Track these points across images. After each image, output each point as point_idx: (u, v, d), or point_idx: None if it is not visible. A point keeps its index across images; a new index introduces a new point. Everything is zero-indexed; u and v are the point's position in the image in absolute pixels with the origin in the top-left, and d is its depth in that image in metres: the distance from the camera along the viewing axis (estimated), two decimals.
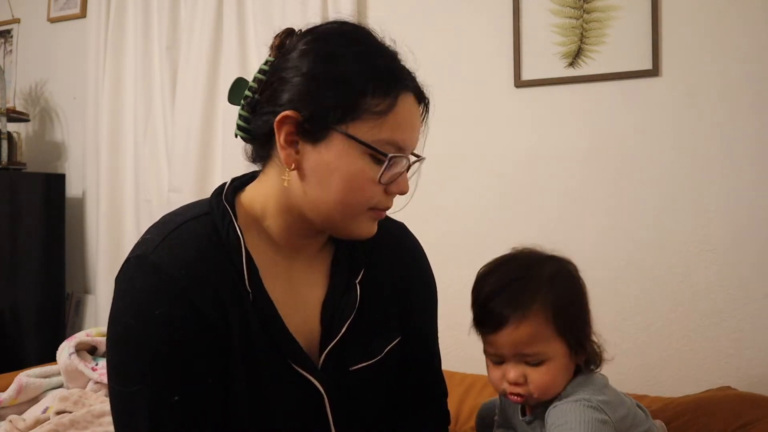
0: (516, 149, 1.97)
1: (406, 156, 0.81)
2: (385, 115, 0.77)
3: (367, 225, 0.83)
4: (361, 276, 0.90)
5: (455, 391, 1.68)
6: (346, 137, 0.76)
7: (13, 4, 2.99)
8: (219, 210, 0.82)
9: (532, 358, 0.90)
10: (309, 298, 0.88)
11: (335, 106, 0.76)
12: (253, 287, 0.80)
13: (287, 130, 0.78)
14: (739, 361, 1.69)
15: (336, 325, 0.86)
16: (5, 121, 2.64)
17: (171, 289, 0.75)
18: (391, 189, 0.82)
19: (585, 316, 0.95)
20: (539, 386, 0.91)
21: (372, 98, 0.76)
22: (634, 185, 1.81)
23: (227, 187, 0.86)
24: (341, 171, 0.77)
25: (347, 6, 2.14)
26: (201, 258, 0.78)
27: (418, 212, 2.07)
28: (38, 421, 1.49)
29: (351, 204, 0.79)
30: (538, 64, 1.92)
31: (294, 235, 0.86)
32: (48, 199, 2.72)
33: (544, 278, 0.93)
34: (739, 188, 1.70)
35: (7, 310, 2.57)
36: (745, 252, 1.69)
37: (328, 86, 0.77)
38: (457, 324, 2.13)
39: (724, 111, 1.72)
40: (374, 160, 0.78)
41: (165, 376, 0.75)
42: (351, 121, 0.76)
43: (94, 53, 2.65)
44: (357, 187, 0.78)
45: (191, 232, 0.80)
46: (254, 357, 0.80)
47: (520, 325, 0.89)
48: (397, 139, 0.79)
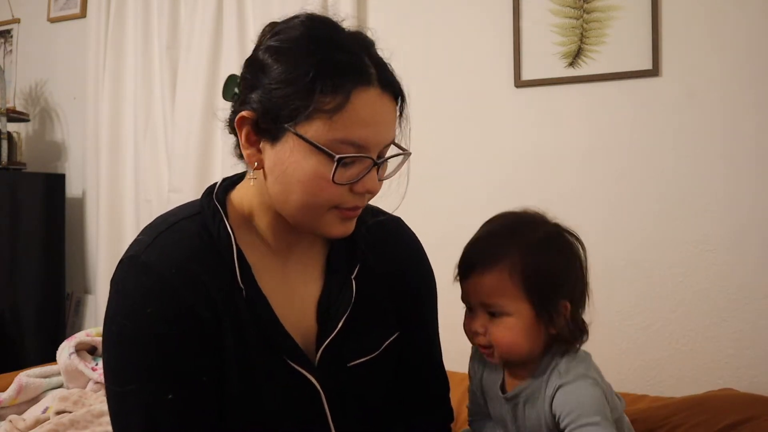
0: (516, 149, 1.97)
1: (366, 155, 0.76)
2: (336, 113, 0.73)
3: (336, 224, 0.80)
4: (356, 271, 0.89)
5: (455, 391, 1.67)
6: (298, 137, 0.74)
7: (13, 4, 2.99)
8: (210, 209, 0.82)
9: (493, 308, 0.92)
10: (305, 295, 0.87)
11: (285, 105, 0.74)
12: (246, 284, 0.80)
13: (246, 130, 0.78)
14: (739, 361, 1.69)
15: (332, 321, 0.85)
16: (5, 121, 2.64)
17: (162, 289, 0.76)
18: (357, 188, 0.78)
19: (563, 289, 0.92)
20: (498, 339, 0.92)
21: (321, 96, 0.72)
22: (634, 185, 1.81)
23: (218, 186, 0.86)
24: (295, 171, 0.75)
25: (347, 6, 2.14)
26: (192, 256, 0.78)
27: (418, 212, 2.08)
28: (38, 421, 1.50)
29: (310, 204, 0.77)
30: (538, 64, 1.92)
31: (283, 233, 0.85)
32: (48, 199, 2.72)
33: (525, 241, 0.92)
34: (739, 188, 1.70)
35: (7, 310, 2.57)
36: (745, 252, 1.69)
37: (281, 84, 0.74)
38: (457, 324, 2.13)
39: (724, 111, 1.72)
40: (328, 159, 0.74)
41: (159, 374, 0.75)
42: (301, 120, 0.73)
43: (94, 53, 2.65)
44: (313, 187, 0.75)
45: (182, 231, 0.80)
46: (248, 354, 0.79)
47: (484, 274, 0.92)
48: (353, 137, 0.74)
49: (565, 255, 0.94)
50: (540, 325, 0.92)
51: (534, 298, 0.90)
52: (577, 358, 0.93)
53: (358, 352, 0.88)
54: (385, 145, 0.80)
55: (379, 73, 0.78)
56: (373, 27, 2.23)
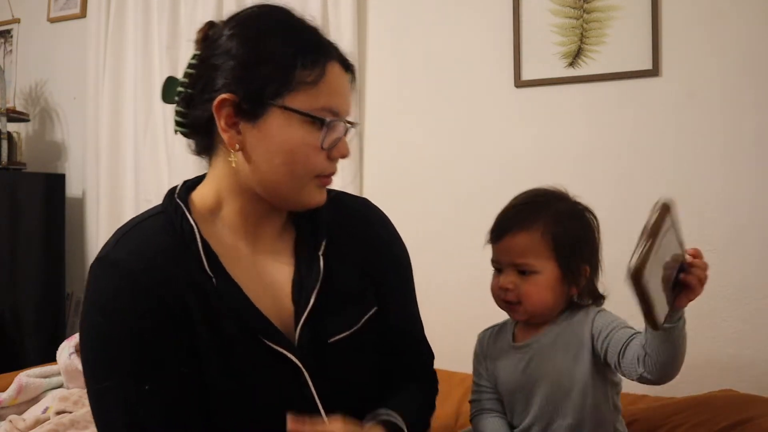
0: (516, 149, 1.97)
1: (342, 120, 0.84)
2: (317, 84, 0.80)
3: (315, 193, 0.86)
4: (323, 248, 0.91)
5: (455, 391, 1.68)
6: (284, 110, 0.80)
7: (13, 4, 2.99)
8: (172, 206, 0.86)
9: (523, 267, 1.04)
10: (277, 280, 0.89)
11: (269, 82, 0.80)
12: (215, 272, 0.82)
13: (226, 113, 0.81)
14: (739, 361, 1.69)
15: (305, 298, 0.87)
16: (5, 121, 2.64)
17: (132, 285, 0.79)
18: (333, 154, 0.85)
19: (584, 255, 1.06)
20: (527, 294, 1.03)
21: (302, 70, 0.80)
22: (633, 185, 1.81)
23: (180, 187, 0.90)
24: (284, 143, 0.81)
25: (347, 6, 2.14)
26: (159, 250, 0.82)
27: (418, 211, 2.09)
28: (38, 421, 1.50)
29: (297, 173, 0.82)
30: (538, 64, 1.92)
31: (252, 218, 0.88)
32: (48, 199, 2.72)
33: (555, 209, 1.07)
34: (739, 188, 1.70)
35: (7, 310, 2.57)
36: (745, 252, 1.69)
37: (260, 64, 0.80)
38: (456, 322, 2.13)
39: (724, 111, 1.72)
40: (313, 128, 0.81)
41: (135, 368, 0.78)
42: (286, 94, 0.80)
43: (94, 53, 2.65)
44: (301, 155, 0.82)
45: (147, 228, 0.85)
46: (225, 340, 0.81)
47: (517, 234, 1.05)
48: (332, 105, 0.82)
49: (586, 225, 1.09)
50: (563, 284, 1.05)
51: (560, 259, 1.03)
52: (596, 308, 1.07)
53: (337, 327, 0.89)
54: (348, 113, 0.87)
55: (339, 52, 0.86)
56: (373, 27, 2.25)
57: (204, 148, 0.89)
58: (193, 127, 0.86)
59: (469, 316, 2.02)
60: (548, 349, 1.05)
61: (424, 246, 2.05)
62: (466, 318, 2.01)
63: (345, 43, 2.14)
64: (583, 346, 1.02)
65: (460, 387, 1.71)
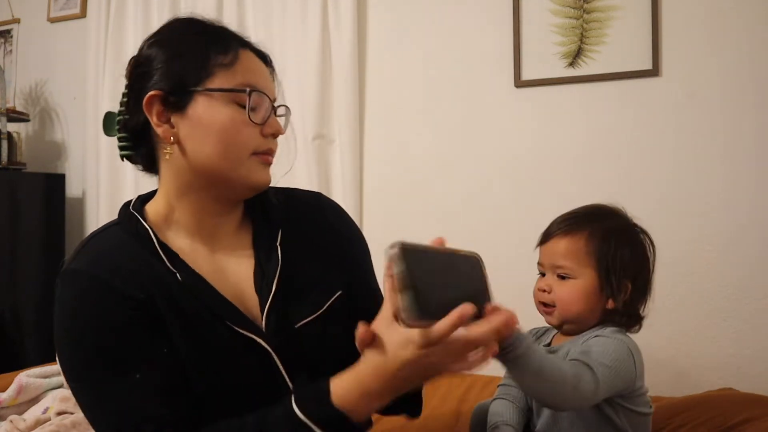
0: (516, 149, 1.97)
1: (265, 94, 0.88)
2: (232, 65, 0.86)
3: (257, 171, 0.88)
4: (280, 238, 0.94)
5: (455, 391, 1.68)
6: (206, 93, 0.85)
7: (13, 4, 2.99)
8: (126, 216, 0.91)
9: (562, 270, 1.07)
10: (239, 274, 0.92)
11: (188, 72, 0.86)
12: (177, 267, 0.85)
13: (157, 110, 0.86)
14: (739, 361, 1.69)
15: (267, 286, 0.90)
16: (5, 121, 2.64)
17: (96, 286, 0.82)
18: (266, 130, 0.88)
19: (627, 270, 1.06)
20: (560, 297, 1.07)
21: (216, 56, 0.86)
22: (633, 185, 1.81)
23: (134, 200, 0.95)
24: (213, 125, 0.85)
25: (347, 6, 2.14)
26: (118, 253, 0.85)
27: (418, 211, 2.08)
28: (39, 421, 1.50)
29: (231, 152, 0.86)
30: (538, 64, 1.92)
31: (205, 217, 0.91)
32: (48, 199, 2.72)
33: (602, 223, 1.09)
34: (739, 188, 1.70)
35: (7, 310, 2.57)
36: (745, 252, 1.70)
37: (178, 59, 0.87)
38: None
39: (724, 111, 1.72)
40: (238, 105, 0.86)
41: (116, 358, 0.79)
42: (206, 78, 0.85)
43: (94, 53, 2.64)
44: (232, 132, 0.85)
45: (104, 238, 0.89)
46: (195, 329, 0.83)
47: (561, 239, 1.09)
48: (251, 81, 0.87)
49: (636, 244, 1.10)
50: (601, 295, 1.06)
51: (600, 269, 1.05)
52: (623, 332, 1.07)
53: (302, 312, 0.91)
54: (272, 97, 0.91)
55: (250, 42, 0.92)
56: (373, 27, 2.25)
57: (148, 160, 0.93)
58: (132, 140, 0.92)
59: None
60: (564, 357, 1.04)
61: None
62: None
63: (345, 43, 2.14)
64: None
65: (460, 387, 1.71)
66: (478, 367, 0.73)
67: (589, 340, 1.04)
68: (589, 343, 1.03)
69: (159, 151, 0.90)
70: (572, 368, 0.93)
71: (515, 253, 2.01)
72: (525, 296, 1.66)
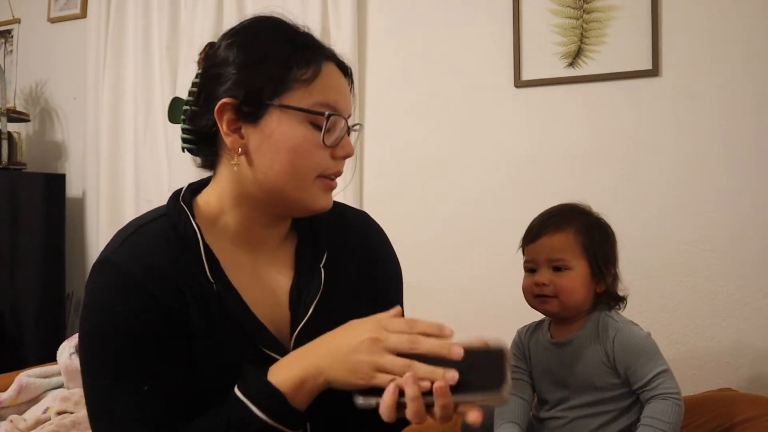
0: (516, 149, 1.97)
1: (342, 116, 0.84)
2: (312, 81, 0.82)
3: (321, 196, 0.86)
4: (324, 260, 0.92)
5: None
6: (282, 109, 0.81)
7: (13, 4, 2.99)
8: (176, 210, 0.87)
9: (559, 263, 1.18)
10: (276, 288, 0.90)
11: (266, 83, 0.81)
12: (216, 277, 0.83)
13: (228, 117, 0.82)
14: (739, 361, 1.69)
15: (303, 307, 0.88)
16: (5, 121, 2.63)
17: (131, 286, 0.80)
18: (337, 153, 0.85)
19: (609, 256, 1.22)
20: (562, 288, 1.17)
21: (297, 69, 0.81)
22: (633, 185, 1.81)
23: (184, 189, 0.91)
24: (285, 142, 0.82)
25: (347, 6, 2.14)
26: (159, 253, 0.82)
27: (418, 211, 2.08)
28: (39, 421, 1.50)
29: (299, 172, 0.83)
30: (538, 64, 1.92)
31: (253, 226, 0.89)
32: (48, 199, 2.72)
33: (583, 219, 1.23)
34: (739, 188, 1.70)
35: (7, 311, 2.57)
36: (745, 252, 1.70)
37: (256, 67, 0.82)
38: (457, 323, 2.12)
39: (724, 111, 1.72)
40: (313, 125, 0.82)
41: (133, 366, 0.79)
42: (283, 93, 0.81)
43: (94, 53, 2.64)
44: (303, 153, 0.82)
45: (149, 232, 0.85)
46: (222, 345, 0.82)
47: (555, 234, 1.19)
48: (329, 100, 0.83)
49: (608, 234, 1.25)
50: (592, 281, 1.19)
51: (590, 258, 1.18)
52: (621, 315, 1.22)
53: None
54: (349, 114, 0.87)
55: (333, 54, 0.88)
56: (373, 27, 2.25)
57: (209, 160, 0.90)
58: (198, 139, 0.88)
59: (470, 314, 2.02)
60: (580, 351, 1.18)
61: (423, 245, 2.05)
62: (466, 317, 2.01)
63: (345, 43, 2.14)
64: (603, 356, 1.16)
65: None
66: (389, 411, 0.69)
67: (617, 338, 1.15)
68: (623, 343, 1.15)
69: (223, 156, 0.87)
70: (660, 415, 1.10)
71: (515, 252, 2.01)
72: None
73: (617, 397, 1.16)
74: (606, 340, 1.16)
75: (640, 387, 1.14)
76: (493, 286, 1.97)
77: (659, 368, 1.13)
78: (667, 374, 1.14)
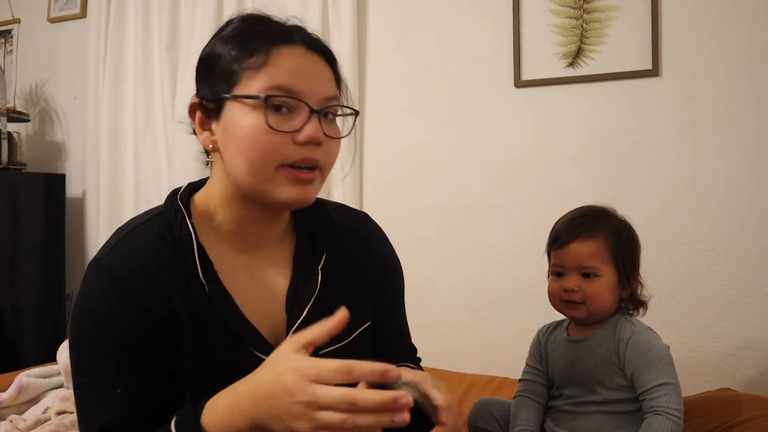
0: (516, 149, 1.97)
1: (298, 98, 0.80)
2: (261, 68, 0.80)
3: (286, 187, 0.81)
4: (323, 262, 0.91)
5: (455, 391, 1.68)
6: (234, 100, 0.81)
7: (13, 4, 2.99)
8: (172, 209, 0.87)
9: (589, 270, 1.18)
10: (273, 290, 0.89)
11: (219, 78, 0.82)
12: (208, 279, 0.83)
13: (198, 117, 0.85)
14: (739, 361, 1.69)
15: (299, 310, 0.87)
16: (5, 121, 2.64)
17: (120, 290, 0.80)
18: (297, 138, 0.80)
19: (635, 262, 1.23)
20: (591, 295, 1.17)
21: (245, 60, 0.81)
22: (633, 185, 1.81)
23: (183, 188, 0.91)
24: (238, 132, 0.80)
25: (347, 6, 2.14)
26: (151, 257, 0.82)
27: (418, 211, 2.08)
28: (39, 421, 1.50)
29: (256, 162, 0.80)
30: (538, 64, 1.92)
31: (246, 225, 0.88)
32: (48, 199, 2.72)
33: (610, 223, 1.22)
34: (739, 188, 1.70)
35: (7, 310, 2.57)
36: (745, 252, 1.69)
37: (211, 66, 0.84)
38: (456, 323, 2.13)
39: (724, 111, 1.72)
40: (263, 111, 0.79)
41: (111, 368, 0.80)
42: (235, 84, 0.81)
43: (94, 53, 2.65)
44: (255, 141, 0.79)
45: (145, 233, 0.85)
46: (212, 347, 0.82)
47: (585, 241, 1.18)
48: (280, 82, 0.79)
49: (634, 235, 1.25)
50: (618, 287, 1.20)
51: (619, 266, 1.19)
52: (642, 322, 1.21)
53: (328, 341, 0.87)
54: (325, 97, 0.82)
55: (302, 36, 0.84)
56: (373, 27, 2.25)
57: (206, 160, 0.92)
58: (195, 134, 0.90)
59: (470, 315, 2.02)
60: (594, 348, 1.19)
61: (423, 245, 2.05)
62: (466, 317, 2.02)
63: (345, 43, 2.14)
64: (614, 356, 1.17)
65: (460, 387, 1.71)
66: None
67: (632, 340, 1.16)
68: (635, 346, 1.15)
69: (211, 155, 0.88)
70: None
71: (515, 252, 2.01)
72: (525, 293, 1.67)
73: (624, 400, 1.16)
74: (620, 341, 1.17)
75: (641, 393, 1.13)
76: (493, 286, 1.97)
77: (664, 379, 1.12)
78: (670, 388, 1.11)
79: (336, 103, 0.85)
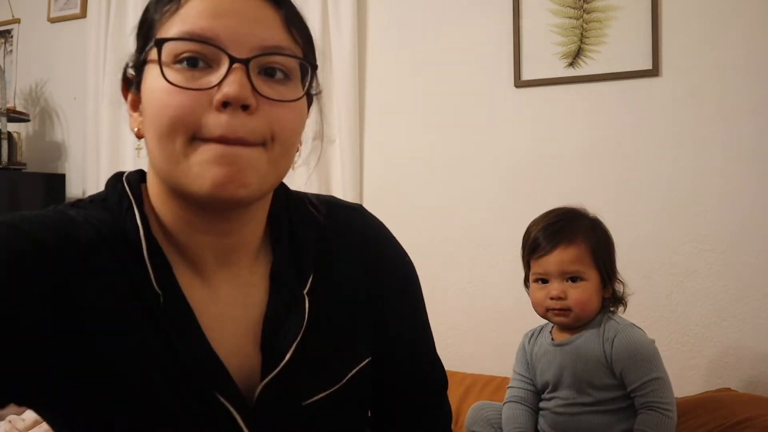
0: (516, 149, 1.97)
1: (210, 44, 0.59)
2: (175, 12, 0.60)
3: (204, 167, 0.57)
4: (309, 284, 0.69)
5: (455, 392, 1.68)
6: (148, 63, 0.63)
7: (13, 4, 2.99)
8: (116, 193, 0.65)
9: (573, 274, 1.18)
10: (241, 318, 0.66)
11: (140, 38, 0.66)
12: (163, 288, 0.61)
13: (129, 98, 0.68)
14: (739, 361, 1.69)
15: (279, 349, 0.65)
16: (5, 121, 2.63)
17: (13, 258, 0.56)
18: (216, 97, 0.58)
19: (613, 260, 1.23)
20: (578, 300, 1.17)
21: (162, 7, 0.62)
22: (633, 185, 1.81)
23: (135, 171, 0.69)
24: (148, 101, 0.61)
25: (347, 6, 2.14)
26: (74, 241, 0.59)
27: (418, 211, 2.08)
28: (37, 421, 1.50)
29: (163, 136, 0.58)
30: (538, 64, 1.92)
31: (197, 235, 0.65)
32: (48, 199, 2.72)
33: (585, 223, 1.23)
34: (739, 188, 1.70)
35: None
36: (745, 252, 1.69)
37: (140, 27, 0.67)
38: (458, 324, 2.13)
39: (724, 111, 1.72)
40: (158, 63, 0.60)
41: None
42: (147, 48, 0.63)
43: (94, 53, 2.64)
44: (159, 107, 0.59)
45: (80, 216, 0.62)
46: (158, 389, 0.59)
47: (567, 248, 1.18)
48: (190, 28, 0.59)
49: (606, 233, 1.25)
50: (601, 288, 1.20)
51: (600, 267, 1.20)
52: (624, 319, 1.23)
53: (315, 386, 0.67)
54: (260, 45, 0.60)
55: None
56: (373, 27, 2.25)
57: None
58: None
59: (470, 315, 2.02)
60: (580, 351, 1.20)
61: (424, 247, 2.05)
62: (466, 318, 2.02)
63: (345, 43, 2.14)
64: (601, 356, 1.18)
65: (460, 387, 1.71)
66: None
67: (617, 339, 1.17)
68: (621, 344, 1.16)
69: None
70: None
71: (515, 251, 2.01)
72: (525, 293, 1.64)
73: (616, 398, 1.17)
74: (606, 342, 1.17)
75: (632, 390, 1.14)
76: (493, 286, 1.96)
77: (654, 374, 1.14)
78: (661, 382, 1.14)
79: (283, 53, 0.61)
